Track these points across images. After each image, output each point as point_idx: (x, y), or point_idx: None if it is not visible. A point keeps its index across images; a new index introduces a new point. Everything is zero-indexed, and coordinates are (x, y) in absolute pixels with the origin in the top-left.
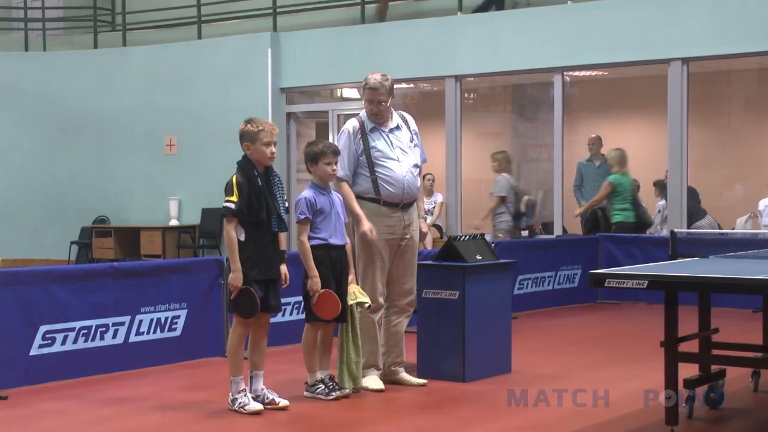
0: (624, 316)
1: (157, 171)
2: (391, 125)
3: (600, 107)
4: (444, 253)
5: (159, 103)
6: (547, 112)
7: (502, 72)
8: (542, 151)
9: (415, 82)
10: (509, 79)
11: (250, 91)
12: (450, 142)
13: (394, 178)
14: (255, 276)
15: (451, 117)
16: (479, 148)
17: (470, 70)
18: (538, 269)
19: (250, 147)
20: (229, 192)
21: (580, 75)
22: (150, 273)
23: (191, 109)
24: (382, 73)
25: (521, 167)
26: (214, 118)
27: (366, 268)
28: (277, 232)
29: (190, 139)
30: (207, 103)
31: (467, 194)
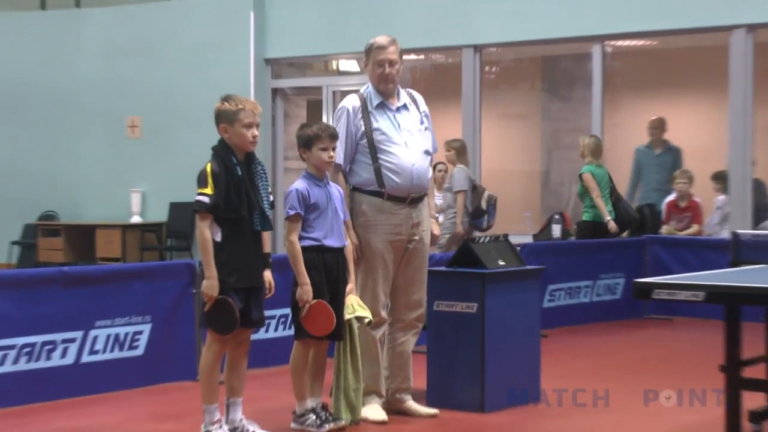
0: (676, 334)
1: (117, 157)
2: (398, 104)
3: (647, 84)
4: (460, 257)
5: (120, 76)
6: (584, 89)
7: (530, 41)
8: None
9: (425, 53)
10: (538, 50)
11: (228, 62)
12: (467, 126)
13: (400, 167)
14: (233, 284)
15: (469, 96)
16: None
17: (492, 39)
18: (572, 278)
19: (228, 129)
20: (203, 183)
21: (623, 45)
22: (107, 279)
23: (158, 83)
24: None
25: (552, 156)
26: (186, 94)
27: (366, 276)
28: (261, 231)
29: (157, 119)
30: (177, 76)
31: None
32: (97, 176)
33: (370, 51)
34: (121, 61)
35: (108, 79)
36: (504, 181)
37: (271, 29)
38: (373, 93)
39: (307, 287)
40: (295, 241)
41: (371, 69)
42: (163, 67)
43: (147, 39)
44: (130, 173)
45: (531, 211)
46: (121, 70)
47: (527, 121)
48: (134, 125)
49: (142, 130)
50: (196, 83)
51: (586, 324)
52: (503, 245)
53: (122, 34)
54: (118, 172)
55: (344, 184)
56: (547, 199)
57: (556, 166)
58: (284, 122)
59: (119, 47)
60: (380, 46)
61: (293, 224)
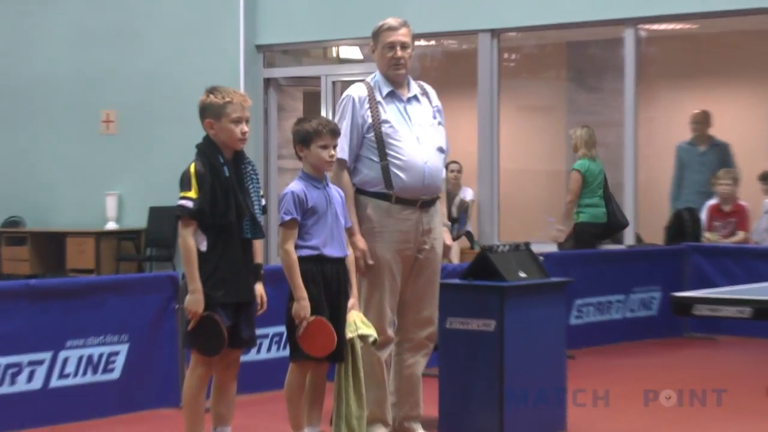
0: (720, 355)
1: (89, 156)
2: (409, 94)
3: (685, 73)
4: (476, 268)
5: (92, 64)
6: (615, 79)
7: (555, 25)
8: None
9: (436, 38)
10: (564, 35)
11: (215, 49)
12: (484, 120)
13: (410, 165)
14: (221, 298)
15: (486, 86)
16: (522, 127)
17: (511, 23)
18: (602, 291)
19: (214, 125)
20: (186, 186)
21: (659, 29)
22: (79, 294)
23: (136, 73)
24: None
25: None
26: (167, 85)
27: (371, 289)
28: (251, 239)
29: (135, 113)
30: (157, 65)
31: (507, 189)
32: (67, 178)
33: (378, 33)
34: (93, 47)
35: (79, 68)
36: (525, 183)
37: (263, 11)
38: (382, 81)
39: (305, 302)
40: (291, 250)
41: (380, 53)
42: (142, 54)
43: (123, 22)
44: (105, 174)
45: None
46: (94, 58)
47: (551, 114)
48: (109, 120)
49: (118, 126)
50: (179, 72)
51: (617, 343)
52: (524, 255)
53: (95, 17)
54: (91, 172)
55: (350, 184)
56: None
57: None
58: (278, 116)
59: (91, 32)
60: (390, 27)
61: (288, 231)
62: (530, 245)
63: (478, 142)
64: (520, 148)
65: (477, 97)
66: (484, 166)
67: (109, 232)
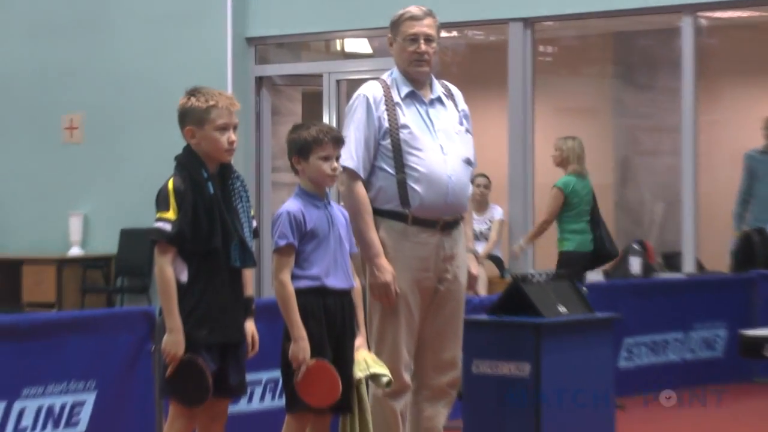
0: None
1: (50, 169)
2: (432, 96)
3: (755, 68)
4: (507, 302)
5: (53, 61)
6: (670, 76)
7: (599, 13)
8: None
9: (460, 29)
10: (610, 25)
11: (198, 42)
12: (515, 124)
13: (432, 178)
14: (205, 338)
15: (518, 84)
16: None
17: (548, 10)
18: (657, 328)
19: (196, 133)
20: (163, 205)
21: (723, 17)
22: (37, 333)
23: (105, 71)
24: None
25: (629, 163)
26: (142, 85)
27: (384, 327)
28: (240, 268)
29: (103, 118)
30: (130, 62)
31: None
32: (22, 195)
33: (398, 23)
34: (55, 41)
35: (37, 65)
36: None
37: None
38: (401, 79)
39: (303, 342)
40: (287, 280)
41: (400, 47)
42: (111, 48)
43: (89, 11)
44: (68, 190)
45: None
46: (56, 54)
47: (595, 117)
48: (72, 126)
49: (84, 133)
50: (156, 71)
51: (675, 390)
52: (564, 286)
53: (56, 4)
54: (52, 188)
55: (366, 199)
56: (622, 222)
57: (635, 177)
58: (272, 121)
59: (52, 22)
60: (413, 16)
61: (284, 258)
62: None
63: (508, 151)
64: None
65: (507, 98)
66: (515, 179)
67: (73, 259)
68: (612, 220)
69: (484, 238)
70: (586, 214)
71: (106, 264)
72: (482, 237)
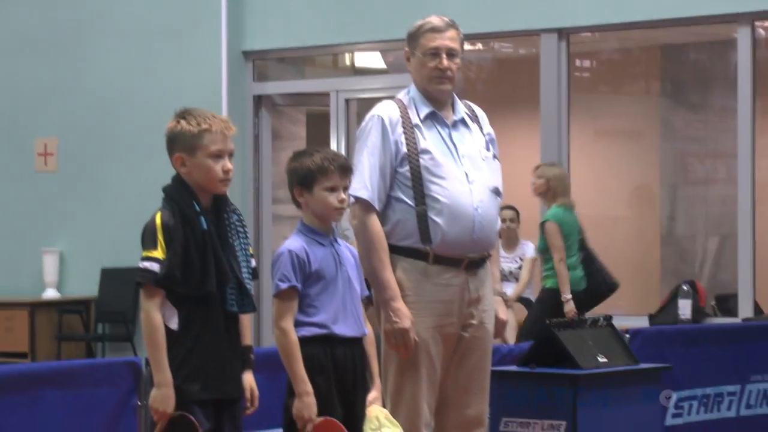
0: None
1: (22, 201)
2: (454, 117)
3: None
4: (540, 351)
5: (27, 81)
6: (725, 94)
7: (643, 23)
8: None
9: (486, 41)
10: (656, 36)
11: (188, 58)
12: (548, 147)
13: (456, 211)
14: (197, 394)
15: (551, 103)
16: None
17: (585, 20)
18: (710, 380)
19: (187, 161)
20: (150, 243)
21: None
22: (9, 387)
23: (84, 90)
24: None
25: (677, 193)
26: (125, 106)
27: (401, 379)
28: (238, 313)
29: (82, 144)
30: (112, 80)
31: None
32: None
33: (417, 36)
34: (27, 58)
35: (8, 84)
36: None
37: (252, 7)
38: (420, 98)
39: (309, 398)
40: (290, 328)
41: (419, 62)
42: (91, 66)
43: (66, 26)
44: (42, 225)
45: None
46: (29, 72)
47: (639, 141)
48: (47, 152)
49: (59, 160)
50: (140, 90)
51: None
52: (605, 332)
53: (30, 20)
54: (23, 222)
55: (381, 234)
56: (670, 259)
57: (684, 209)
58: (273, 147)
59: (25, 39)
60: (434, 27)
61: (286, 303)
62: (612, 319)
63: None
64: (597, 186)
65: (539, 120)
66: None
67: (48, 302)
68: (658, 258)
69: (514, 278)
70: (576, 249)
71: (85, 308)
72: (512, 277)
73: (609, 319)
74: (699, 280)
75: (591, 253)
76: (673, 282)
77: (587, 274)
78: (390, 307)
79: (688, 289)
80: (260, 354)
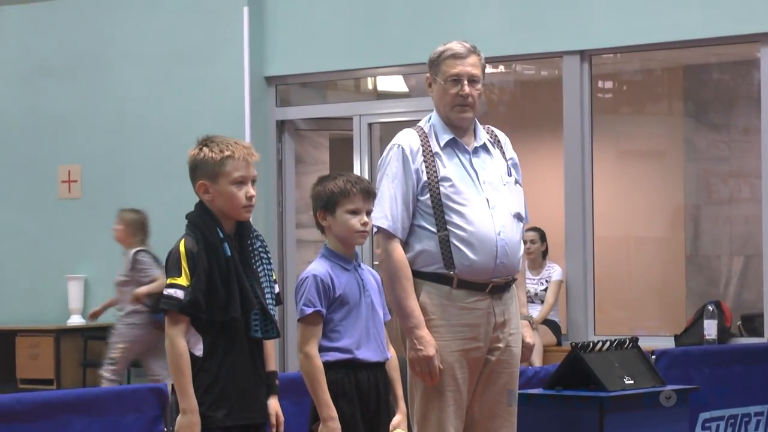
0: None
1: (46, 228)
2: (476, 143)
3: None
4: (566, 373)
5: (49, 108)
6: (748, 113)
7: (666, 44)
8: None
9: (506, 63)
10: (679, 57)
11: (211, 84)
12: (571, 169)
13: (479, 237)
14: (223, 420)
15: (574, 125)
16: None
17: (608, 41)
18: (736, 401)
19: (210, 188)
20: (174, 270)
21: None
22: (35, 414)
23: (106, 117)
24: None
25: (702, 214)
26: (147, 134)
27: (427, 404)
28: (262, 339)
29: (104, 171)
30: (134, 107)
31: (605, 265)
32: (16, 257)
33: (438, 62)
34: (49, 85)
35: (30, 111)
36: (628, 252)
37: (274, 32)
38: (440, 125)
39: (334, 423)
40: (315, 353)
41: (440, 89)
42: (113, 92)
43: (88, 51)
44: (66, 251)
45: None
46: (51, 99)
47: (662, 161)
48: (71, 179)
49: (83, 187)
50: (162, 116)
51: None
52: (631, 354)
53: (51, 46)
54: (48, 249)
55: (405, 261)
56: (695, 280)
57: (709, 229)
58: (296, 171)
59: (47, 65)
60: (456, 54)
61: (311, 328)
62: (638, 340)
63: (565, 201)
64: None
65: (562, 141)
66: (573, 234)
67: (73, 328)
68: (683, 278)
69: (539, 300)
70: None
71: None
72: (537, 299)
73: (635, 341)
74: (724, 300)
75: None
76: (699, 302)
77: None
78: (414, 335)
79: (714, 309)
80: (285, 379)
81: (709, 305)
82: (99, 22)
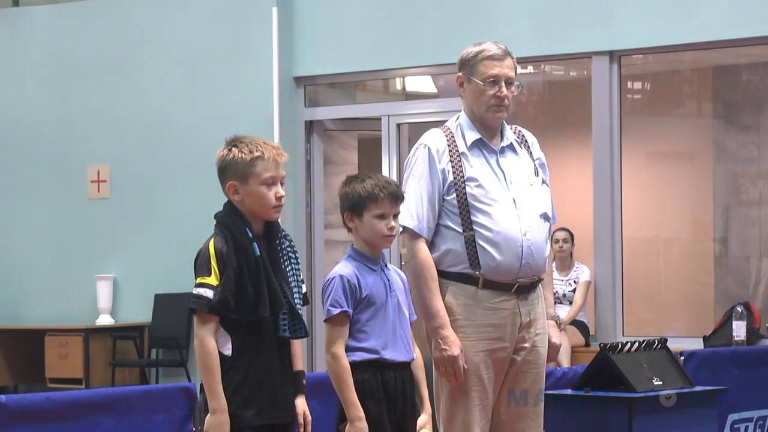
0: None
1: (74, 228)
2: (503, 143)
3: None
4: (594, 374)
5: (79, 108)
6: None
7: (695, 44)
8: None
9: (535, 63)
10: (708, 58)
11: (240, 85)
12: (600, 170)
13: (505, 237)
14: (252, 419)
15: (603, 126)
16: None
17: (637, 42)
18: (765, 402)
19: (240, 189)
20: (204, 269)
21: None
22: (64, 414)
23: (135, 117)
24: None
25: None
26: (177, 134)
27: (453, 405)
28: (290, 338)
29: (134, 171)
30: (164, 107)
31: (634, 266)
32: (45, 257)
33: (475, 62)
34: (79, 85)
35: (59, 112)
36: (658, 254)
37: (303, 33)
38: (467, 125)
39: (361, 423)
40: (341, 353)
41: (476, 89)
42: (143, 92)
43: (117, 52)
44: (95, 251)
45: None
46: (81, 99)
47: (692, 163)
48: (100, 179)
49: (112, 187)
50: (193, 115)
51: None
52: (659, 355)
53: (81, 47)
54: (77, 249)
55: (431, 262)
56: (724, 281)
57: (738, 230)
58: (324, 172)
59: (76, 66)
60: (493, 55)
61: (337, 329)
62: (667, 342)
63: (593, 202)
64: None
65: (591, 142)
66: (602, 234)
67: (102, 328)
68: (712, 280)
69: (567, 301)
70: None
71: (138, 334)
72: (565, 300)
73: (663, 342)
74: (753, 301)
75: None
76: (728, 304)
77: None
78: (439, 335)
79: (743, 310)
80: (312, 379)
81: (738, 306)
82: (129, 22)
